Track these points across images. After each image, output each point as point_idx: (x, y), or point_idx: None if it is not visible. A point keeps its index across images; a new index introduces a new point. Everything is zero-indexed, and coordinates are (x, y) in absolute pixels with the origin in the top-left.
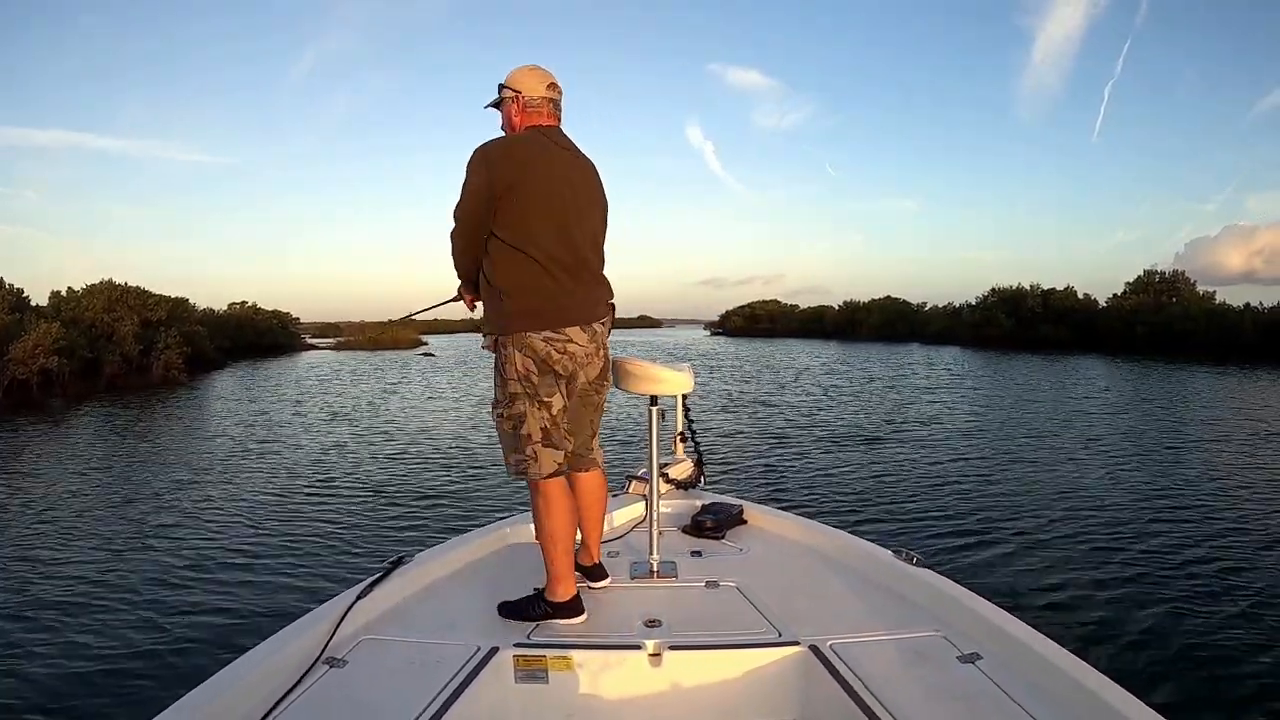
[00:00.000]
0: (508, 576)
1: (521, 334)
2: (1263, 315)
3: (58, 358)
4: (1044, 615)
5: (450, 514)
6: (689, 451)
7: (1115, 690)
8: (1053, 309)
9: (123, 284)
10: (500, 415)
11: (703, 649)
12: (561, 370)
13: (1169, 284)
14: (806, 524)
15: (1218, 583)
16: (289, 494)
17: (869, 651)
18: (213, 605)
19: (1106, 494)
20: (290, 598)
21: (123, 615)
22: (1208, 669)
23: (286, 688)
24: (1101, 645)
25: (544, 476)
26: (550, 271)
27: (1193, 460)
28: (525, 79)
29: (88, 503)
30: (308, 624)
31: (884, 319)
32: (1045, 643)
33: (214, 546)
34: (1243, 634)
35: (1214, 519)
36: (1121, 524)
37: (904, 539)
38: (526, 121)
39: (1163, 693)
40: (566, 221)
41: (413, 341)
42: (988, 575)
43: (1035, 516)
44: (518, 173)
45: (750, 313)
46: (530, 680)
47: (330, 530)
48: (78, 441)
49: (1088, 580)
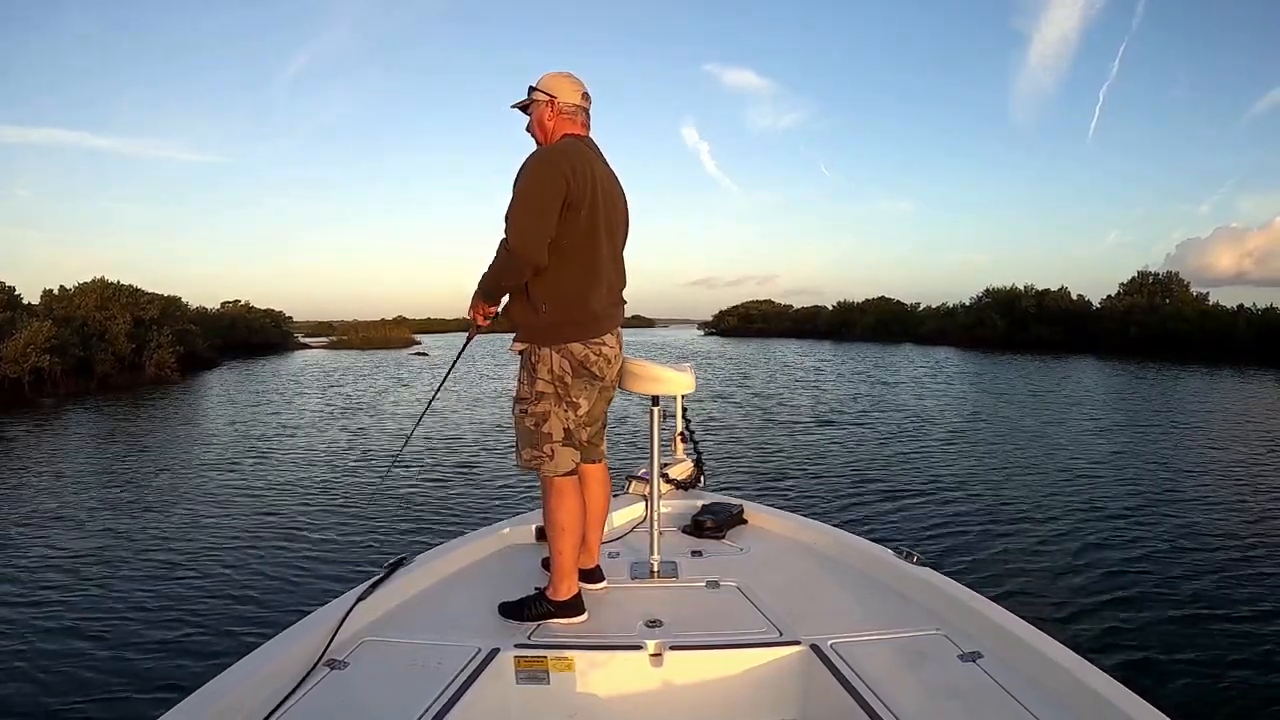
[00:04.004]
0: (508, 577)
1: (565, 343)
2: (1256, 316)
3: (49, 356)
4: (1045, 614)
5: (450, 515)
6: (689, 451)
7: (1116, 688)
8: (1046, 310)
9: (115, 282)
10: (523, 411)
11: (704, 649)
12: (597, 372)
13: (1163, 285)
14: (806, 524)
15: (1218, 580)
16: (287, 495)
17: (870, 651)
18: (213, 608)
19: (1106, 493)
20: (291, 600)
21: (122, 618)
22: (1209, 667)
23: (288, 690)
24: (1102, 643)
25: (560, 474)
26: (598, 286)
27: (1192, 460)
28: (561, 85)
29: (82, 504)
30: (309, 626)
31: (877, 319)
32: (1046, 641)
33: (213, 549)
34: (1243, 632)
35: (1214, 518)
36: (1122, 523)
37: (904, 538)
38: (561, 128)
39: (1164, 691)
40: (614, 236)
41: (406, 341)
42: (988, 574)
43: (1035, 515)
44: (589, 188)
45: (744, 313)
46: (531, 681)
47: (330, 532)
48: (70, 441)
49: (1088, 578)
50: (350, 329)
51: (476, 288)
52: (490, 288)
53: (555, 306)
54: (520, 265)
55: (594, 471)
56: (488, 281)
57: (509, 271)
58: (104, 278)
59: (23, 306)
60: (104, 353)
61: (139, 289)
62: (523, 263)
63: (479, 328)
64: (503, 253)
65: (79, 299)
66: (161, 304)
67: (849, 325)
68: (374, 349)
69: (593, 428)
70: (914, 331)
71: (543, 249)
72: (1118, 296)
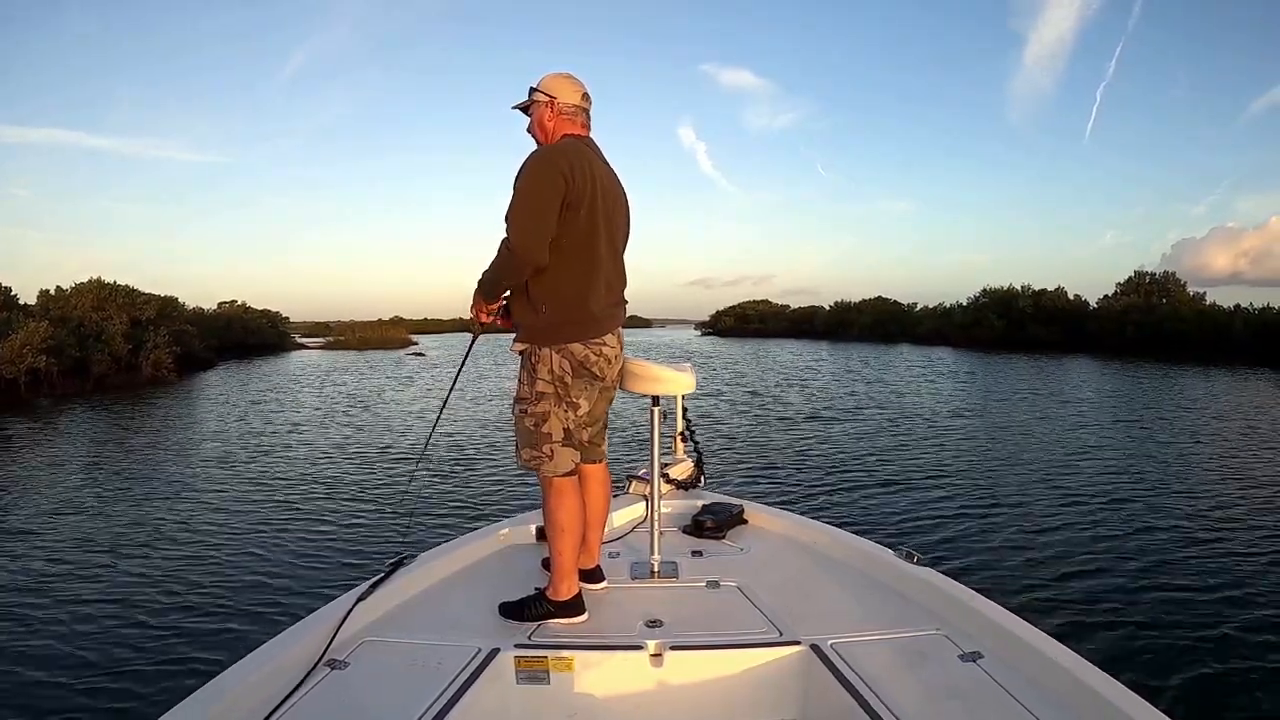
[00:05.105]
0: (508, 577)
1: (565, 343)
2: (1253, 316)
3: (46, 357)
4: (1045, 613)
5: (450, 515)
6: (689, 451)
7: (1117, 688)
8: (1043, 310)
9: (111, 283)
10: (523, 411)
11: (704, 649)
12: (598, 373)
13: (1159, 285)
14: (806, 524)
15: (1219, 580)
16: (287, 495)
17: (870, 651)
18: (213, 608)
19: (1106, 493)
20: (291, 600)
21: (121, 619)
22: (1210, 666)
23: (288, 689)
24: (1103, 643)
25: (560, 475)
26: (598, 286)
27: (1193, 460)
28: (561, 85)
29: (79, 505)
30: (309, 626)
31: (874, 319)
32: (1047, 641)
33: (212, 549)
34: (1244, 631)
35: (1215, 517)
36: (1122, 522)
37: (904, 538)
38: (561, 129)
39: (1164, 691)
40: (614, 236)
41: (402, 341)
42: (988, 574)
43: (1035, 515)
44: (589, 187)
45: (741, 313)
46: (531, 681)
47: (330, 532)
48: (67, 442)
49: (1089, 578)
50: (347, 329)
51: (477, 287)
52: (491, 286)
53: (555, 307)
54: (521, 264)
55: (594, 471)
56: (488, 280)
57: (509, 270)
58: (100, 278)
59: (19, 307)
60: (100, 353)
61: (135, 289)
62: (523, 262)
63: (483, 327)
64: (503, 252)
65: (75, 299)
66: (158, 304)
67: (846, 325)
68: (371, 349)
69: (593, 428)
70: (911, 332)
71: (543, 248)
72: (1114, 296)
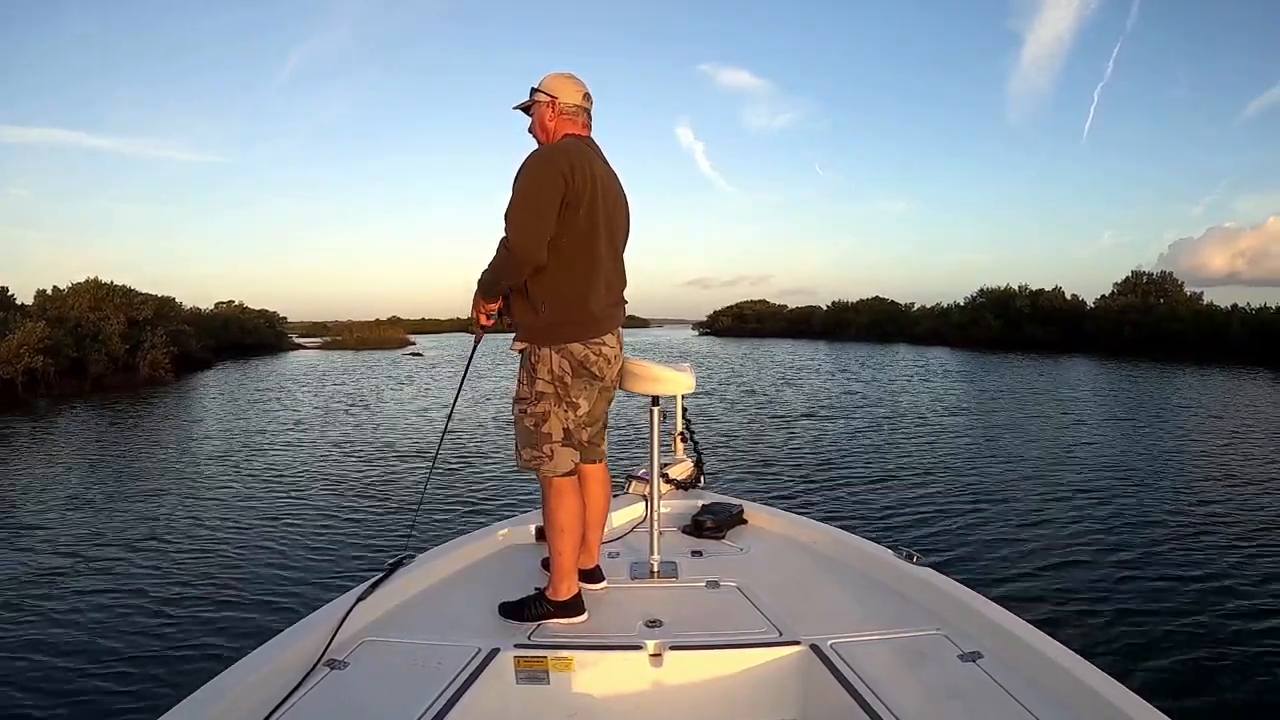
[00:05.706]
0: (508, 577)
1: (565, 343)
2: (1251, 316)
3: (43, 357)
4: (1045, 613)
5: (450, 515)
6: (689, 451)
7: (1116, 688)
8: (1040, 310)
9: (109, 282)
10: (523, 411)
11: (703, 649)
12: (597, 372)
13: (1157, 285)
14: (806, 523)
15: (1220, 580)
16: (286, 495)
17: (870, 651)
18: (213, 608)
19: (1106, 493)
20: (291, 600)
21: (121, 620)
22: (1210, 666)
23: (288, 690)
24: (1103, 643)
25: (559, 475)
26: (597, 286)
27: (1193, 460)
28: (562, 85)
29: (77, 505)
30: (309, 626)
31: (872, 319)
32: (1046, 641)
33: (212, 549)
34: (1244, 631)
35: (1215, 517)
36: (1122, 522)
37: (904, 538)
38: (562, 128)
39: (1164, 690)
40: (614, 236)
41: (400, 342)
42: (988, 573)
43: (1035, 515)
44: (588, 187)
45: (738, 313)
46: (531, 681)
47: (330, 532)
48: (64, 442)
49: (1089, 578)
50: (344, 329)
51: (476, 286)
52: (490, 286)
53: (554, 307)
54: (520, 264)
55: (594, 472)
56: (487, 279)
57: (509, 269)
58: (97, 278)
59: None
60: (98, 353)
61: (132, 289)
62: (522, 261)
63: (484, 327)
64: (503, 251)
65: (72, 299)
66: (155, 304)
67: (843, 325)
68: (368, 349)
69: (593, 428)
70: (908, 332)
71: (542, 247)
72: (1112, 296)
